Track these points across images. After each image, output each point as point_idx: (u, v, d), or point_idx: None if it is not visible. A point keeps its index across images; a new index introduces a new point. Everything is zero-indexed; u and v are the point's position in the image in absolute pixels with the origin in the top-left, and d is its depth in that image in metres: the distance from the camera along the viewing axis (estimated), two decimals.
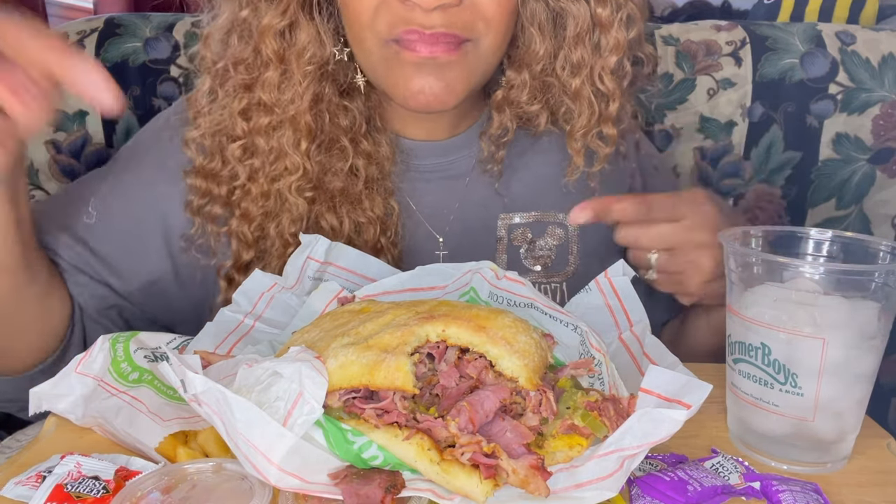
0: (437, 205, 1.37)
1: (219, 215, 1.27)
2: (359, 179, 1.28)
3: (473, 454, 0.72)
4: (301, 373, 0.73)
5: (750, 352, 0.90)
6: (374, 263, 1.11)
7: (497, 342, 0.78)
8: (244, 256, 1.26)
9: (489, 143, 1.35)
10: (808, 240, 1.00)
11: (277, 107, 1.22)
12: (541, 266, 1.39)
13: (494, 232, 1.38)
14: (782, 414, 0.89)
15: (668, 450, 0.90)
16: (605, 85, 1.27)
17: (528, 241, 1.39)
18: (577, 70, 1.27)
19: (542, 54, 1.27)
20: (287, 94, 1.22)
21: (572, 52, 1.26)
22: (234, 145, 1.25)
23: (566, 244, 1.40)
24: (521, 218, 1.39)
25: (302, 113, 1.22)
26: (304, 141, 1.23)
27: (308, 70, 1.22)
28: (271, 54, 1.21)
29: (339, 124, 1.27)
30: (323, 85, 1.25)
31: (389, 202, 1.32)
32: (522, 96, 1.30)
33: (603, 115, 1.29)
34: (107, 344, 0.95)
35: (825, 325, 0.86)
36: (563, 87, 1.29)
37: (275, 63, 1.21)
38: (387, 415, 0.75)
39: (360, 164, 1.28)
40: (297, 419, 0.71)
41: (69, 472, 0.79)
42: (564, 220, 1.40)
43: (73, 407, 0.91)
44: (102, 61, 1.66)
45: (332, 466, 0.74)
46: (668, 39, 1.76)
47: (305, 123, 1.22)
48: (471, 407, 0.75)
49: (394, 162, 1.33)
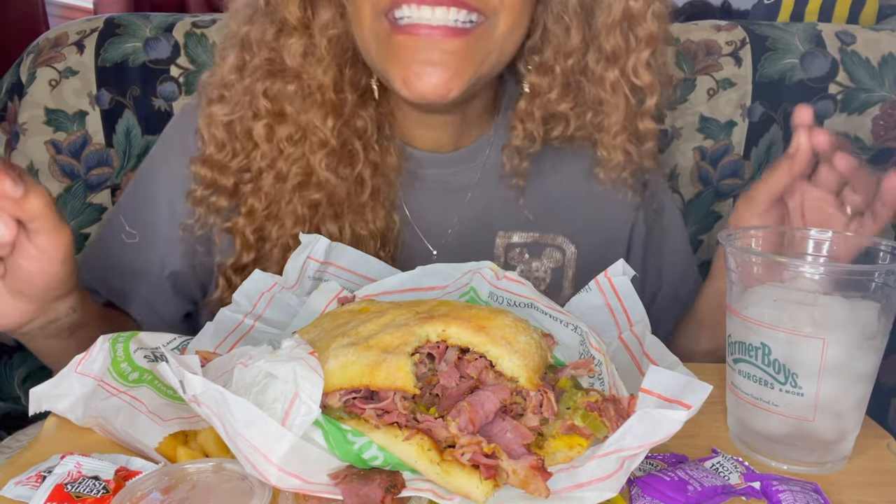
0: (436, 218, 1.35)
1: (223, 207, 1.27)
2: (364, 189, 1.27)
3: (473, 454, 0.73)
4: (296, 373, 0.73)
5: (750, 352, 0.90)
6: (374, 263, 1.11)
7: (497, 342, 0.78)
8: (244, 258, 1.26)
9: (512, 156, 1.32)
10: (807, 240, 1.00)
11: (304, 73, 1.22)
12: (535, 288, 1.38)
13: (491, 249, 1.36)
14: (782, 414, 0.89)
15: (669, 450, 0.89)
16: (641, 78, 1.24)
17: (525, 261, 1.37)
18: (613, 61, 1.24)
19: (575, 44, 1.24)
20: (312, 65, 1.22)
21: (606, 42, 1.23)
22: (259, 123, 1.24)
23: (562, 269, 1.38)
24: (520, 237, 1.37)
25: (327, 87, 1.22)
26: (330, 117, 1.22)
27: (332, 35, 1.21)
28: (295, 22, 1.21)
29: (354, 126, 1.26)
30: (345, 67, 1.24)
31: (392, 215, 1.31)
32: (552, 94, 1.27)
33: (640, 110, 1.27)
34: (107, 344, 0.95)
35: (825, 325, 0.86)
36: (599, 83, 1.26)
37: (299, 30, 1.21)
38: (387, 415, 0.75)
39: (367, 173, 1.27)
40: (294, 420, 0.71)
41: (69, 472, 0.79)
42: (563, 244, 1.37)
43: (73, 407, 0.91)
44: (102, 62, 1.67)
45: (332, 466, 0.74)
46: None
47: (330, 100, 1.22)
48: (471, 407, 0.75)
49: (399, 173, 1.31)
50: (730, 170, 1.78)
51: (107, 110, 1.68)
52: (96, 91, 1.67)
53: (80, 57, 1.67)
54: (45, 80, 1.66)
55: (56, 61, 1.67)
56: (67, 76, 1.66)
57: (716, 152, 1.78)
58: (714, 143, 1.77)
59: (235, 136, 1.26)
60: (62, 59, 1.67)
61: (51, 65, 1.67)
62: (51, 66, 1.66)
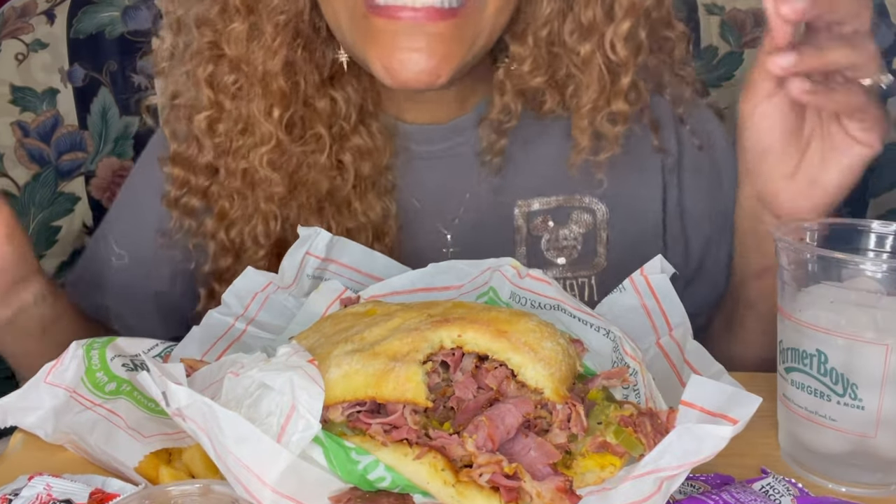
0: (443, 196, 1.35)
1: (196, 208, 1.28)
2: (347, 179, 1.26)
3: (493, 475, 0.72)
4: (293, 383, 0.72)
5: (804, 360, 0.90)
6: (380, 260, 1.11)
7: (520, 349, 0.78)
8: (221, 263, 1.27)
9: (489, 131, 1.32)
10: (869, 233, 1.00)
11: (245, 63, 1.21)
12: (565, 258, 1.37)
13: (511, 221, 1.35)
14: (840, 429, 0.89)
15: (713, 470, 0.89)
16: (618, 54, 1.23)
17: (550, 229, 1.36)
18: (588, 34, 1.23)
19: (548, 14, 1.23)
20: (257, 52, 1.21)
21: (583, 12, 1.22)
22: (200, 116, 1.24)
23: (594, 232, 1.37)
24: (542, 203, 1.36)
25: (274, 75, 1.21)
26: (276, 108, 1.21)
27: (280, 21, 1.20)
28: (238, 4, 1.20)
29: (315, 107, 1.25)
30: (297, 49, 1.23)
31: (385, 202, 1.30)
32: (525, 67, 1.26)
33: (614, 89, 1.26)
34: (80, 351, 0.95)
35: (889, 329, 0.86)
36: (572, 56, 1.25)
37: (242, 13, 1.20)
38: (395, 431, 0.75)
39: (348, 159, 1.26)
40: (291, 436, 0.71)
41: (38, 495, 0.79)
42: (592, 205, 1.37)
43: (42, 421, 0.91)
44: (75, 33, 1.67)
45: (333, 488, 0.74)
46: (711, 8, 1.76)
47: (279, 88, 1.21)
48: (490, 422, 0.74)
49: (392, 153, 1.31)
50: None
51: (80, 88, 1.69)
52: (68, 66, 1.68)
53: (51, 28, 1.67)
54: (10, 53, 1.67)
55: (23, 33, 1.67)
56: (36, 49, 1.67)
57: None
58: None
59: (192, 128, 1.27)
60: (30, 30, 1.67)
61: (17, 36, 1.67)
62: (17, 37, 1.67)
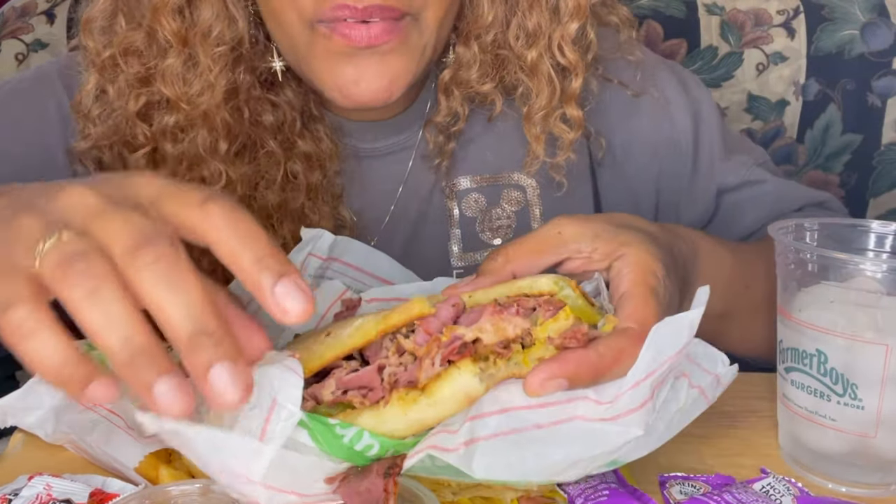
0: (379, 190, 1.32)
1: None
2: (300, 190, 1.23)
3: (445, 351, 0.73)
4: (270, 375, 0.71)
5: (804, 360, 0.90)
6: (385, 261, 1.10)
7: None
8: None
9: (435, 133, 1.29)
10: (869, 233, 1.00)
11: (185, 102, 1.14)
12: (501, 238, 1.33)
13: (444, 204, 1.32)
14: (840, 429, 0.89)
15: (714, 470, 0.89)
16: (566, 57, 1.21)
17: (484, 209, 1.33)
18: (534, 40, 1.21)
19: (491, 21, 1.20)
20: (195, 86, 1.14)
21: (527, 17, 1.20)
22: (137, 154, 1.18)
23: (526, 209, 1.34)
24: (470, 182, 1.33)
25: (216, 108, 1.14)
26: (222, 142, 1.16)
27: (218, 53, 1.13)
28: (170, 36, 1.12)
29: (262, 123, 1.20)
30: (238, 73, 1.17)
31: (339, 210, 1.27)
32: (472, 74, 1.23)
33: (565, 94, 1.23)
34: (80, 350, 0.95)
35: (889, 329, 0.86)
36: (519, 62, 1.23)
37: (176, 47, 1.13)
38: (371, 392, 0.75)
39: (299, 168, 1.22)
40: (275, 427, 0.70)
41: (38, 495, 0.79)
42: (521, 181, 1.33)
43: (42, 422, 0.91)
44: (76, 33, 1.66)
45: (327, 470, 0.73)
46: (711, 8, 1.76)
47: (222, 121, 1.15)
48: (423, 322, 0.75)
49: (339, 158, 1.27)
50: (782, 155, 1.78)
51: None
52: None
53: (51, 28, 1.67)
54: (10, 54, 1.67)
55: (23, 33, 1.67)
56: (36, 49, 1.67)
57: (766, 135, 1.77)
58: (764, 124, 1.77)
59: (123, 160, 1.20)
60: (30, 30, 1.67)
61: (17, 37, 1.67)
62: (17, 38, 1.67)
